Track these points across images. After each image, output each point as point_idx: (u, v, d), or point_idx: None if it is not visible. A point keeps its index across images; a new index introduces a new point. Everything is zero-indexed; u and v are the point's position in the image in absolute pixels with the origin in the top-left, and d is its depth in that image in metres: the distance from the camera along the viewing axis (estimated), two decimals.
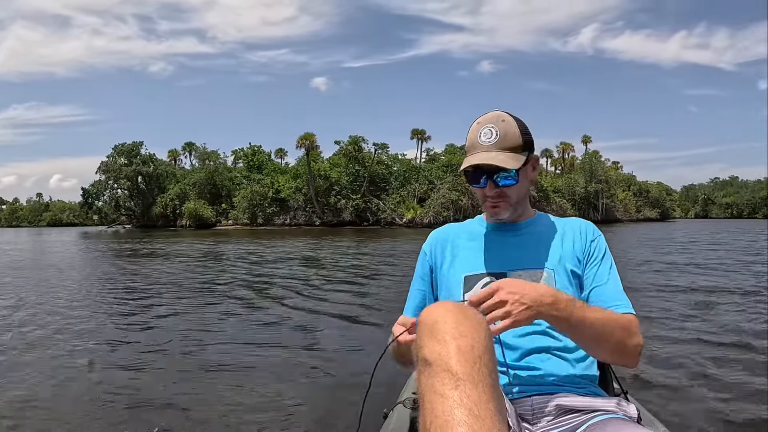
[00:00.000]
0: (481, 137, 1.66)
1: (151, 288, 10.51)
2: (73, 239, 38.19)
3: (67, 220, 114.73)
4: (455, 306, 1.19)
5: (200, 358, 5.30)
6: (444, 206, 68.81)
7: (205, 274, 13.35)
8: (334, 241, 29.76)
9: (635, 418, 1.47)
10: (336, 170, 72.60)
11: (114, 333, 6.49)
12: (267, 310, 8.09)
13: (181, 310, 7.95)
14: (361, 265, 15.60)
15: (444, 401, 1.00)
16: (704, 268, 13.77)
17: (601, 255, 1.74)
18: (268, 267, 15.24)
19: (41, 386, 4.41)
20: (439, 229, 1.94)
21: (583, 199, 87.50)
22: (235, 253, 21.17)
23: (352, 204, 69.76)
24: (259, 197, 70.26)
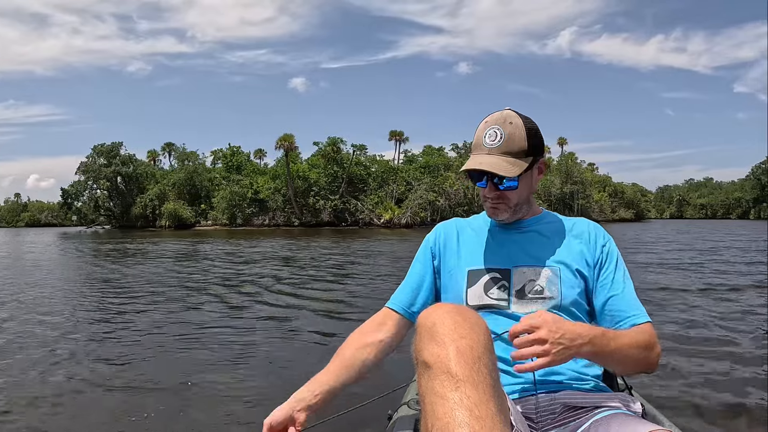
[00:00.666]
0: (485, 138, 1.65)
1: (130, 289, 10.46)
2: (53, 240, 38.30)
3: (46, 220, 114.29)
4: (453, 307, 1.20)
5: (181, 361, 5.16)
6: (421, 207, 69.88)
7: (183, 274, 13.34)
8: (313, 242, 30.02)
9: (640, 413, 1.51)
10: (315, 171, 73.19)
11: (91, 332, 6.40)
12: (247, 309, 8.05)
13: (159, 311, 7.86)
14: (339, 265, 15.74)
15: (445, 403, 1.00)
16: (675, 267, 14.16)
17: (614, 261, 1.74)
18: (246, 267, 15.30)
19: (9, 389, 4.29)
20: (445, 222, 1.94)
21: (559, 200, 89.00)
22: (215, 253, 21.31)
23: (330, 205, 70.42)
24: (238, 198, 70.66)
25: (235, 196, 70.48)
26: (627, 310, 1.63)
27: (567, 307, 1.60)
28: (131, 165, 77.03)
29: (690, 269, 13.41)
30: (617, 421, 1.33)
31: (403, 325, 1.79)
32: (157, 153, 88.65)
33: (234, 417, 3.72)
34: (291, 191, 70.11)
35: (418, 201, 69.88)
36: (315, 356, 5.30)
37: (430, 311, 1.19)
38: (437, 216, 69.59)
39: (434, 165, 78.39)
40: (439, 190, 71.60)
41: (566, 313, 1.60)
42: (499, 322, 1.58)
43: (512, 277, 1.64)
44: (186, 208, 71.87)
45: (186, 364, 5.00)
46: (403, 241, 31.11)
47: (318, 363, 3.71)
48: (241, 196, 70.83)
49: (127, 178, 76.61)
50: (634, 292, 1.68)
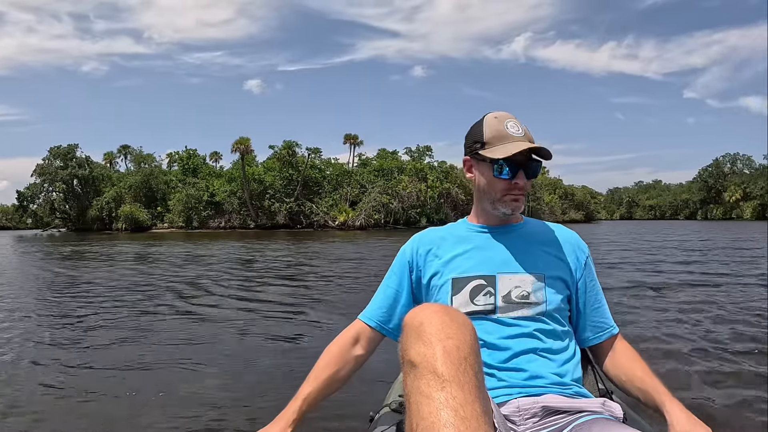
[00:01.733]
0: (509, 129, 1.66)
1: (86, 292, 10.32)
2: (8, 243, 38.09)
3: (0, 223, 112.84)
4: (441, 308, 1.18)
5: (136, 364, 5.05)
6: (375, 209, 70.98)
7: (139, 277, 13.17)
8: (268, 244, 30.48)
9: (621, 417, 1.49)
10: (270, 174, 73.54)
11: (45, 336, 6.32)
12: (202, 311, 8.00)
13: (114, 314, 7.74)
14: (293, 266, 15.87)
15: (430, 402, 0.99)
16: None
17: (594, 272, 1.81)
18: (201, 269, 15.23)
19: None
20: (422, 232, 1.91)
21: None
22: (171, 256, 21.37)
23: (285, 207, 70.85)
24: (195, 201, 70.71)
25: (191, 198, 70.51)
26: (607, 321, 1.77)
27: (551, 312, 1.64)
28: (87, 167, 76.56)
29: (622, 268, 13.79)
30: (598, 426, 1.35)
31: (376, 339, 1.83)
32: (114, 155, 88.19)
33: (193, 420, 3.64)
34: (247, 194, 70.48)
35: (371, 203, 70.94)
36: (271, 358, 5.27)
37: (418, 311, 1.19)
38: (390, 218, 71.64)
39: (388, 168, 79.40)
40: (392, 192, 72.71)
41: (551, 318, 1.64)
42: (486, 329, 1.60)
43: (497, 283, 1.65)
44: (142, 211, 71.66)
45: (142, 368, 4.93)
46: (356, 242, 31.81)
47: (273, 367, 4.38)
48: (197, 199, 70.92)
49: (83, 181, 76.09)
50: (606, 302, 1.81)
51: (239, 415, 3.67)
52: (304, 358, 5.10)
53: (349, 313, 7.34)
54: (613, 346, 1.76)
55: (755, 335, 5.85)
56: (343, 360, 1.76)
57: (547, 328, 1.62)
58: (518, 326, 1.60)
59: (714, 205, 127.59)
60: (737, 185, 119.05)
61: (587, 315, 1.77)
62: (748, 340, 5.62)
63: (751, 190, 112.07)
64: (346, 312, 7.68)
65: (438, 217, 75.49)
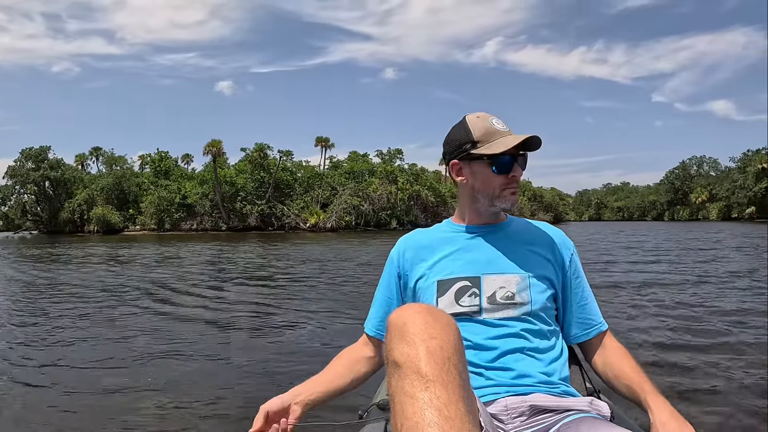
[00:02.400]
0: (495, 125, 1.68)
1: (58, 294, 10.40)
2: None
3: None
4: (425, 308, 1.18)
5: (106, 363, 5.17)
6: (346, 211, 71.76)
7: (111, 279, 13.24)
8: (239, 246, 30.70)
9: (608, 416, 1.49)
10: (242, 176, 73.81)
11: (15, 336, 6.44)
12: (174, 312, 8.07)
13: (85, 315, 7.82)
14: (265, 267, 16.15)
15: (414, 403, 0.98)
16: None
17: (581, 269, 1.81)
18: (172, 270, 15.41)
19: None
20: (407, 235, 1.92)
21: None
22: (143, 258, 21.48)
23: (257, 209, 71.18)
24: (166, 203, 70.73)
25: (163, 201, 70.52)
26: (595, 318, 1.77)
27: (537, 312, 1.64)
28: (59, 169, 76.23)
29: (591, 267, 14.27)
30: (586, 425, 1.36)
31: (381, 347, 1.75)
32: (86, 157, 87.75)
33: (166, 419, 3.72)
34: (218, 196, 70.65)
35: (342, 206, 71.77)
36: (247, 356, 5.36)
37: (401, 311, 1.19)
38: (361, 220, 72.64)
39: (359, 171, 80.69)
40: (363, 195, 73.71)
41: (537, 318, 1.64)
42: (472, 329, 1.61)
43: (482, 284, 1.65)
44: (114, 213, 71.50)
45: (112, 367, 5.03)
46: (327, 244, 32.34)
47: (244, 365, 4.86)
48: (169, 201, 70.93)
49: (55, 183, 75.73)
50: (594, 299, 1.81)
51: (214, 411, 3.85)
52: (273, 356, 5.40)
53: (317, 312, 8.02)
54: (603, 343, 1.76)
55: (701, 329, 6.33)
56: (357, 358, 1.84)
57: (534, 328, 1.62)
58: (504, 327, 1.61)
59: (681, 206, 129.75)
60: (703, 187, 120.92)
61: (574, 312, 1.77)
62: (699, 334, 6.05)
63: (717, 191, 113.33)
64: (315, 311, 8.10)
65: (408, 218, 76.57)
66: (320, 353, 5.53)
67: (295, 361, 5.31)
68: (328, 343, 6.02)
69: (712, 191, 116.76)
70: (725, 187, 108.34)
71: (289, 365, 5.15)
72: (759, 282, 10.66)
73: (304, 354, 5.57)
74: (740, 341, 5.78)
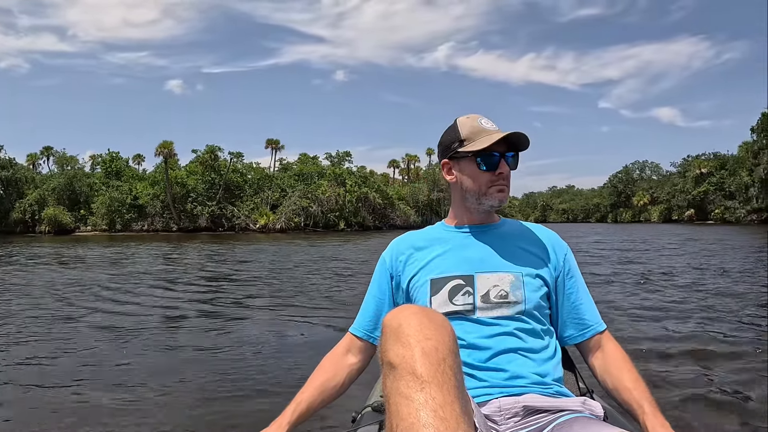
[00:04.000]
0: (483, 124, 1.69)
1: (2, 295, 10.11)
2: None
3: None
4: (419, 309, 1.18)
5: (50, 372, 4.89)
6: (295, 213, 73.21)
7: (62, 280, 12.95)
8: (189, 246, 30.92)
9: (601, 416, 1.49)
10: (193, 178, 73.95)
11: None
12: (120, 314, 7.87)
13: (30, 318, 7.56)
14: (215, 269, 16.17)
15: (409, 404, 0.98)
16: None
17: (576, 270, 1.80)
18: (122, 271, 15.30)
19: None
20: (400, 237, 1.90)
21: (426, 206, 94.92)
22: (93, 258, 21.28)
23: (207, 210, 71.42)
24: (118, 203, 70.40)
25: (115, 201, 70.24)
26: (591, 318, 1.75)
27: (531, 311, 1.64)
28: (10, 169, 74.74)
29: None
30: (579, 425, 1.36)
31: (368, 349, 1.83)
32: (37, 156, 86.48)
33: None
34: (169, 197, 70.68)
35: (292, 207, 73.19)
36: (195, 366, 5.12)
37: (396, 312, 1.18)
38: (310, 221, 73.97)
39: (308, 173, 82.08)
40: (312, 196, 75.05)
41: (530, 317, 1.64)
42: (465, 328, 1.60)
43: (476, 283, 1.65)
44: (66, 214, 70.52)
45: (56, 375, 4.76)
46: (276, 245, 33.17)
47: (196, 369, 4.72)
48: (120, 202, 70.68)
49: (6, 183, 74.08)
50: (592, 299, 1.79)
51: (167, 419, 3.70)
52: (224, 359, 5.36)
53: (262, 309, 8.30)
54: (601, 346, 1.74)
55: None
56: (334, 369, 1.79)
57: (527, 327, 1.62)
58: (498, 326, 1.60)
59: (624, 208, 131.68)
60: (645, 190, 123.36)
61: (569, 312, 1.76)
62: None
63: (658, 195, 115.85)
64: (263, 310, 8.27)
65: (356, 220, 78.46)
66: (265, 350, 5.77)
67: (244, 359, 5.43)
68: (267, 342, 6.13)
69: (654, 194, 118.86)
70: (666, 190, 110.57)
71: (233, 365, 5.18)
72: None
73: (252, 350, 5.74)
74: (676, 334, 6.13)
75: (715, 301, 8.43)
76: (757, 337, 5.98)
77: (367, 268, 15.53)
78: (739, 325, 6.54)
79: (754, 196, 76.18)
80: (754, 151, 74.33)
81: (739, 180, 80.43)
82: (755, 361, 4.98)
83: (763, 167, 70.94)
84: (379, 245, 28.03)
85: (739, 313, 7.33)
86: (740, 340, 5.77)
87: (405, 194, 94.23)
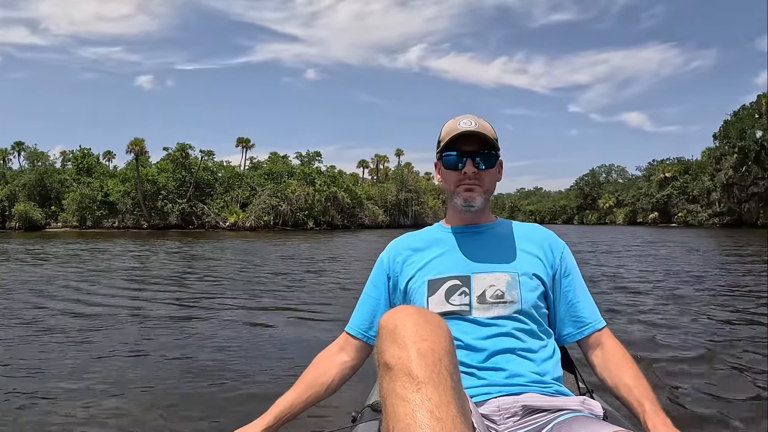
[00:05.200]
0: (461, 124, 1.69)
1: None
2: None
3: None
4: (415, 310, 1.18)
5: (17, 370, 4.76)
6: (264, 211, 74.17)
7: (30, 276, 12.95)
8: (160, 244, 31.07)
9: (601, 415, 1.48)
10: (164, 175, 74.09)
11: None
12: (88, 314, 7.64)
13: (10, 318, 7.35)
14: (184, 266, 16.27)
15: (406, 404, 0.98)
16: None
17: (574, 268, 1.79)
18: (92, 268, 15.15)
19: None
20: (398, 238, 1.90)
21: (394, 206, 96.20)
22: (62, 254, 21.39)
23: (178, 208, 72.34)
24: (89, 200, 70.31)
25: (86, 198, 70.14)
26: (588, 316, 1.75)
27: (527, 310, 1.64)
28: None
29: None
30: (578, 424, 1.35)
31: (363, 348, 1.83)
32: (8, 152, 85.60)
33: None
34: (140, 194, 70.81)
35: (261, 206, 74.02)
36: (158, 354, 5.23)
37: (392, 313, 1.19)
38: (279, 220, 74.89)
39: (278, 172, 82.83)
40: (281, 195, 75.96)
41: (527, 316, 1.64)
42: (462, 328, 1.60)
43: (472, 283, 1.66)
44: (36, 210, 70.17)
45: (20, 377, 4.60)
46: (245, 242, 33.51)
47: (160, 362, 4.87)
48: (91, 199, 70.58)
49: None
50: (591, 297, 1.78)
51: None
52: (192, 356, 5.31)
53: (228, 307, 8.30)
54: (601, 344, 1.74)
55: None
56: (325, 368, 1.79)
57: (525, 327, 1.62)
58: (495, 326, 1.60)
59: (590, 211, 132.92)
60: (611, 193, 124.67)
61: (566, 310, 1.76)
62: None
63: (624, 198, 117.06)
64: (228, 308, 8.21)
65: (325, 219, 79.49)
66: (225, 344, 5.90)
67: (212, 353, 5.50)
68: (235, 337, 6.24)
69: (619, 197, 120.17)
70: (631, 193, 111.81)
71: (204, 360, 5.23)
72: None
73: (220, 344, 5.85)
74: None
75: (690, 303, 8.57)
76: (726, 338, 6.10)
77: (336, 266, 16.69)
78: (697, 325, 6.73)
79: (716, 201, 78.18)
80: (716, 157, 76.44)
81: (702, 185, 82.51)
82: (754, 361, 5.03)
83: (724, 173, 73.30)
84: (345, 244, 29.88)
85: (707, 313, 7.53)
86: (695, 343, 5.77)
87: (373, 194, 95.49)
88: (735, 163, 71.33)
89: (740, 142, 69.37)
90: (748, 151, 68.65)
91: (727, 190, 75.17)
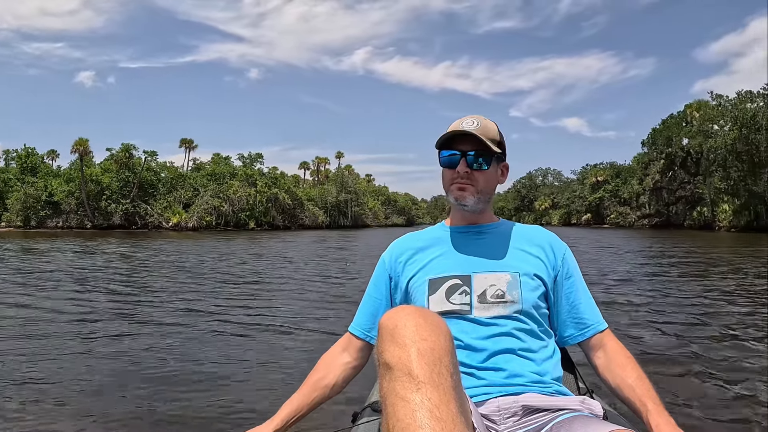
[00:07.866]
0: (463, 125, 1.70)
1: None
2: None
3: None
4: (415, 309, 1.18)
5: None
6: (207, 212, 75.16)
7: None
8: (102, 244, 30.77)
9: (601, 415, 1.47)
10: (107, 176, 74.78)
11: None
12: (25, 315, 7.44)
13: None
14: (125, 267, 15.90)
15: (406, 404, 0.98)
16: None
17: (575, 269, 1.78)
18: (33, 268, 14.98)
19: None
20: (400, 238, 1.90)
21: (334, 207, 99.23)
22: (10, 255, 21.00)
23: (122, 208, 72.47)
24: (33, 200, 69.96)
25: (30, 198, 69.79)
26: (590, 318, 1.75)
27: (528, 310, 1.64)
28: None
29: None
30: (578, 423, 1.33)
31: (366, 348, 1.84)
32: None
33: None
34: (84, 195, 70.86)
35: (204, 206, 75.08)
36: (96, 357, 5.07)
37: (392, 313, 1.18)
38: (221, 220, 76.38)
39: (220, 173, 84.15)
40: (223, 196, 77.35)
41: (528, 316, 1.64)
42: (462, 328, 1.61)
43: (473, 282, 1.66)
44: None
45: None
46: (187, 242, 33.82)
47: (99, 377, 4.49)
48: (35, 198, 70.26)
49: None
50: (592, 299, 1.77)
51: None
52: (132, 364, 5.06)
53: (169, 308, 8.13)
54: (603, 345, 1.73)
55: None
56: (328, 369, 1.80)
57: (525, 327, 1.62)
58: (495, 326, 1.60)
59: (527, 212, 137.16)
60: (547, 195, 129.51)
61: (568, 312, 1.75)
62: None
63: (559, 200, 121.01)
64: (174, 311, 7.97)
65: (266, 220, 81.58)
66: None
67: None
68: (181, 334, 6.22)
69: (555, 199, 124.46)
70: (566, 196, 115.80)
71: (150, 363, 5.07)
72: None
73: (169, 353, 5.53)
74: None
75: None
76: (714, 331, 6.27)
77: (276, 264, 17.20)
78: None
79: (646, 203, 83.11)
80: (645, 162, 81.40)
81: (631, 188, 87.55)
82: (754, 361, 5.01)
83: (651, 177, 78.23)
84: (282, 244, 29.84)
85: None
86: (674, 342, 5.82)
87: (314, 195, 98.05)
88: (662, 168, 76.19)
89: (667, 148, 74.27)
90: (674, 157, 73.64)
91: (656, 193, 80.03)
